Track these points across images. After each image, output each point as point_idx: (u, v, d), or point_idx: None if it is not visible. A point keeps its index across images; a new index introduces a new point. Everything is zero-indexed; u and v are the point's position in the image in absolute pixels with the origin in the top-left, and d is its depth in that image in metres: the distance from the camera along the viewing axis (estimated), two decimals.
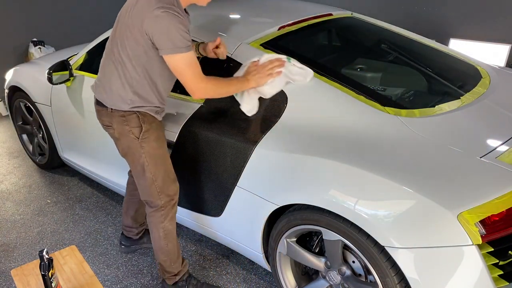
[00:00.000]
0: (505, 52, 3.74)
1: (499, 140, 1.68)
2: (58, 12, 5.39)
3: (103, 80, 1.92)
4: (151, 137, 1.92)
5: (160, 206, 2.01)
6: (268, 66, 1.88)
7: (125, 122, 1.89)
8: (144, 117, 1.90)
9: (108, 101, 1.89)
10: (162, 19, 1.66)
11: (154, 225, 2.05)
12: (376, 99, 1.84)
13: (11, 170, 3.66)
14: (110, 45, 1.88)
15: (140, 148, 1.92)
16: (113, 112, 1.89)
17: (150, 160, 1.94)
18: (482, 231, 1.40)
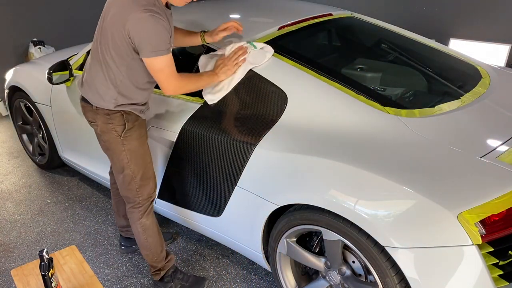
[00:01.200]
0: (505, 52, 3.74)
1: (499, 140, 1.68)
2: (58, 12, 5.39)
3: (88, 79, 1.94)
4: (133, 135, 1.96)
5: (138, 203, 2.06)
6: (233, 57, 1.99)
7: (110, 120, 1.92)
8: (128, 116, 1.93)
9: (94, 99, 1.92)
10: (144, 22, 1.68)
11: (133, 221, 2.11)
12: (376, 99, 1.84)
13: (11, 170, 3.66)
14: (94, 45, 1.90)
15: (121, 145, 1.95)
16: (98, 110, 1.92)
17: (130, 158, 1.97)
18: (482, 231, 1.40)
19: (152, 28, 1.69)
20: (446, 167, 1.56)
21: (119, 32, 1.74)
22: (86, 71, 1.98)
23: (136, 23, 1.69)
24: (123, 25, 1.72)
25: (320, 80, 1.91)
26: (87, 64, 1.99)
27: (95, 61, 1.90)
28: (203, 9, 2.60)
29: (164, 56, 1.75)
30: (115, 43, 1.78)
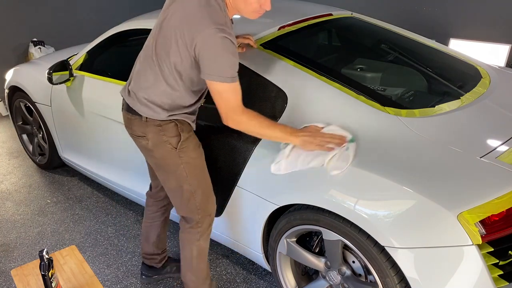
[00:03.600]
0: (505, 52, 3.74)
1: (499, 140, 1.68)
2: (58, 12, 5.39)
3: (138, 87, 1.76)
4: (190, 146, 1.79)
5: (197, 222, 1.88)
6: (326, 137, 1.65)
7: (162, 132, 1.74)
8: (182, 125, 1.76)
9: (144, 109, 1.73)
10: (215, 43, 1.51)
11: (188, 242, 1.92)
12: (376, 99, 1.83)
13: (11, 170, 3.66)
14: (149, 51, 1.72)
15: (178, 158, 1.77)
16: (148, 121, 1.74)
17: (189, 171, 1.79)
18: (482, 231, 1.40)
19: (222, 52, 1.52)
20: (446, 167, 1.56)
21: (184, 43, 1.57)
22: (133, 79, 1.79)
23: (207, 40, 1.52)
24: (191, 37, 1.54)
25: (320, 80, 1.91)
26: (135, 71, 1.80)
27: (147, 68, 1.72)
28: None
29: (228, 84, 1.56)
30: (177, 53, 1.61)
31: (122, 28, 2.66)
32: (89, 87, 2.74)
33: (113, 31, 2.73)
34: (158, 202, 2.16)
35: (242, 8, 1.61)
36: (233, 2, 1.61)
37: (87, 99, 2.73)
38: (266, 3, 1.58)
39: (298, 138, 1.65)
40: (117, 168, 2.71)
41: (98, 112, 2.65)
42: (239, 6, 1.61)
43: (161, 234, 2.23)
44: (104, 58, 2.86)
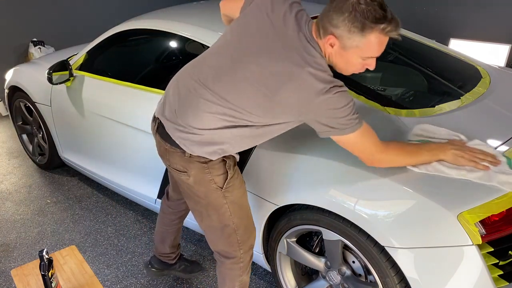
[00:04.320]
0: (505, 52, 3.74)
1: (499, 140, 1.68)
2: (58, 12, 5.39)
3: (186, 119, 1.49)
4: (236, 183, 1.61)
5: (239, 257, 1.72)
6: (479, 154, 1.49)
7: (207, 170, 1.54)
8: (230, 161, 1.57)
9: (191, 147, 1.51)
10: (329, 107, 1.31)
11: (230, 279, 1.77)
12: (376, 99, 1.83)
13: (11, 170, 3.66)
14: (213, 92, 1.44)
15: (223, 198, 1.59)
16: (193, 157, 1.53)
17: (233, 210, 1.63)
18: (482, 231, 1.40)
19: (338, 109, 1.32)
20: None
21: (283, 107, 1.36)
22: (180, 104, 1.51)
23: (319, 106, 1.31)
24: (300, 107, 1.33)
25: None
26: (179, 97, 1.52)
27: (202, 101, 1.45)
28: (203, 9, 2.60)
29: (357, 131, 1.37)
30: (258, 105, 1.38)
31: (122, 28, 2.66)
32: (89, 87, 2.74)
33: (113, 31, 2.73)
34: (178, 212, 2.09)
35: (341, 67, 1.40)
36: (332, 60, 1.39)
37: (87, 99, 2.73)
38: (372, 64, 1.37)
39: (447, 152, 1.49)
40: (117, 168, 2.71)
41: (98, 112, 2.65)
42: (338, 65, 1.40)
43: (177, 236, 2.18)
44: (104, 58, 2.86)
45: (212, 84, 1.45)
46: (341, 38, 1.30)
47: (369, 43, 1.30)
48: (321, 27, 1.34)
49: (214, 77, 1.46)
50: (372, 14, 1.25)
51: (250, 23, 1.45)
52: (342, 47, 1.32)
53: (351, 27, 1.27)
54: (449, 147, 1.50)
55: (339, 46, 1.33)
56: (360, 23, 1.25)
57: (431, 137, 1.61)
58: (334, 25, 1.29)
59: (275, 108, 1.38)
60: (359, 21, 1.25)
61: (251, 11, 1.47)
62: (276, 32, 1.38)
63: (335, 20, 1.28)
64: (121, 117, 2.47)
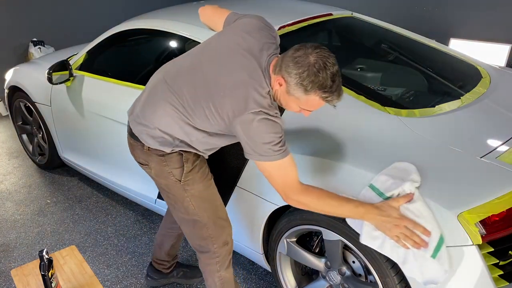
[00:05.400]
0: (505, 52, 3.74)
1: (499, 140, 1.68)
2: (58, 12, 5.39)
3: (149, 118, 1.59)
4: (196, 177, 1.66)
5: (214, 252, 1.76)
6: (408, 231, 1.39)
7: (164, 163, 1.62)
8: (188, 155, 1.63)
9: (149, 140, 1.61)
10: (255, 127, 1.40)
11: (209, 273, 1.82)
12: (376, 99, 1.83)
13: (11, 170, 3.66)
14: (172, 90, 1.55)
15: (183, 191, 1.66)
16: (151, 150, 1.62)
17: (196, 204, 1.68)
18: (482, 231, 1.40)
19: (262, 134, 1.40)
20: (446, 167, 1.56)
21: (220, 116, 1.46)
22: (144, 105, 1.62)
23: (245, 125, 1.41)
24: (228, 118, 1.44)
25: None
26: (147, 95, 1.63)
27: (166, 104, 1.55)
28: None
29: (275, 162, 1.42)
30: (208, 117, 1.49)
31: (122, 28, 2.66)
32: (89, 87, 2.74)
33: (113, 31, 2.73)
34: None
35: (281, 104, 1.50)
36: (276, 95, 1.48)
37: (87, 99, 2.73)
38: (307, 114, 1.47)
39: (374, 220, 1.44)
40: (117, 168, 2.71)
41: (98, 112, 2.65)
42: (280, 102, 1.49)
43: (175, 244, 2.18)
44: (104, 58, 2.86)
45: (171, 82, 1.57)
46: (288, 84, 1.40)
47: (308, 101, 1.40)
48: (279, 65, 1.43)
49: (174, 76, 1.58)
50: (320, 81, 1.35)
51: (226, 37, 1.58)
52: (286, 91, 1.42)
53: (299, 82, 1.37)
54: (377, 212, 1.42)
55: (285, 88, 1.42)
56: (307, 84, 1.36)
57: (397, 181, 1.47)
58: (288, 72, 1.39)
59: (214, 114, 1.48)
60: (307, 82, 1.35)
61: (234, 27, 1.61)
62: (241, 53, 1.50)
63: (290, 69, 1.38)
64: (121, 117, 2.47)
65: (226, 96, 1.45)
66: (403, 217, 1.40)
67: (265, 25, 1.62)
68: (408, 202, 1.42)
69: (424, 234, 1.38)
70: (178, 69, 1.59)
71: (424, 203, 1.41)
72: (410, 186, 1.43)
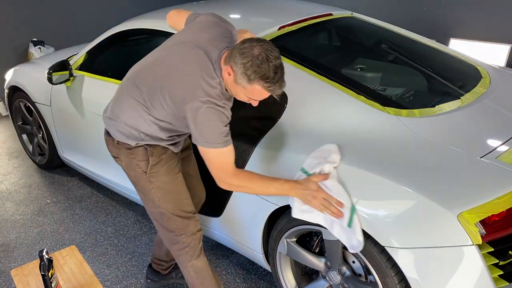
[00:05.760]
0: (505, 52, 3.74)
1: (499, 140, 1.68)
2: (58, 12, 5.39)
3: (116, 113, 1.74)
4: (161, 170, 1.77)
5: (183, 242, 1.85)
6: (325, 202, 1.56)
7: (132, 155, 1.75)
8: (153, 149, 1.74)
9: (117, 134, 1.75)
10: (202, 114, 1.53)
11: (182, 264, 1.90)
12: (376, 99, 1.83)
13: (11, 170, 3.66)
14: (134, 84, 1.69)
15: (149, 183, 1.77)
16: (120, 144, 1.76)
17: (160, 196, 1.79)
18: (482, 231, 1.40)
19: (209, 122, 1.53)
20: (446, 167, 1.56)
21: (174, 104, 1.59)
22: (114, 100, 1.78)
23: (194, 111, 1.53)
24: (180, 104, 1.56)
25: (320, 80, 1.91)
26: (117, 91, 1.78)
27: (130, 98, 1.70)
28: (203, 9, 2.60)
29: (217, 149, 1.55)
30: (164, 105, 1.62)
31: (122, 28, 2.66)
32: (89, 87, 2.74)
33: (113, 31, 2.73)
34: None
35: (232, 93, 1.61)
36: (227, 85, 1.59)
37: (87, 99, 2.73)
38: (255, 103, 1.60)
39: (297, 194, 1.61)
40: (116, 168, 2.71)
41: (98, 112, 2.65)
42: (231, 91, 1.61)
43: None
44: (104, 58, 2.86)
45: (134, 78, 1.71)
46: (235, 74, 1.51)
47: (253, 90, 1.51)
48: (228, 57, 1.54)
49: (137, 72, 1.72)
50: (263, 72, 1.46)
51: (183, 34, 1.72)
52: (234, 80, 1.53)
53: (243, 72, 1.48)
54: (299, 187, 1.59)
55: (232, 78, 1.53)
56: (251, 73, 1.46)
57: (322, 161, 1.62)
58: (235, 62, 1.50)
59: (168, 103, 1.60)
60: (250, 72, 1.46)
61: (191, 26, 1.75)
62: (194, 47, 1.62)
63: (236, 59, 1.49)
64: None
65: (178, 86, 1.58)
66: (320, 189, 1.57)
67: (220, 21, 1.73)
68: (325, 179, 1.58)
69: (338, 206, 1.55)
70: (141, 66, 1.73)
71: (337, 180, 1.58)
72: (329, 166, 1.59)
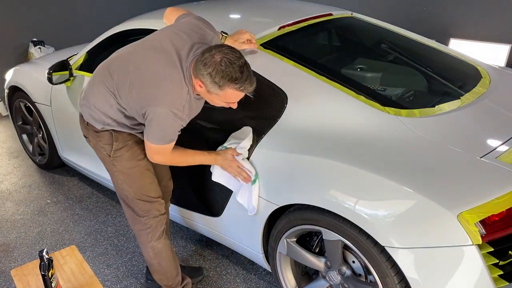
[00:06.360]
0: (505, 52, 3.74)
1: (499, 140, 1.68)
2: (58, 12, 5.39)
3: (88, 95, 1.82)
4: (124, 155, 1.84)
5: (144, 223, 1.94)
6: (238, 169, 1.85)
7: (98, 138, 1.83)
8: (118, 134, 1.82)
9: (87, 116, 1.83)
10: (160, 119, 1.63)
11: (143, 244, 1.99)
12: (376, 99, 1.83)
13: (11, 170, 3.66)
14: (108, 71, 1.76)
15: (112, 166, 1.87)
16: (88, 125, 1.84)
17: (123, 179, 1.88)
18: (482, 231, 1.40)
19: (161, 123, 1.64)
20: (446, 167, 1.56)
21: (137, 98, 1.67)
22: (88, 83, 1.85)
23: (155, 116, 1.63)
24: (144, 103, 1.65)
25: (320, 80, 1.91)
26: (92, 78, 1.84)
27: (101, 86, 1.76)
28: (203, 9, 2.60)
29: (163, 145, 1.70)
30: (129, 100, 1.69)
31: (122, 28, 2.66)
32: None
33: (113, 31, 2.73)
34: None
35: (210, 102, 1.70)
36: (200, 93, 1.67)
37: None
38: (234, 106, 1.68)
39: (217, 161, 1.87)
40: None
41: None
42: (208, 100, 1.69)
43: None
44: (104, 58, 2.85)
45: (108, 66, 1.77)
46: (205, 85, 1.59)
47: (226, 94, 1.59)
48: (194, 70, 1.61)
49: (112, 61, 1.79)
50: (229, 75, 1.52)
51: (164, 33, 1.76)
52: (207, 90, 1.61)
53: (212, 81, 1.55)
54: (219, 158, 1.86)
55: (204, 89, 1.61)
56: (219, 80, 1.53)
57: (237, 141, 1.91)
58: (201, 74, 1.57)
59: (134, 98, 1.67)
60: (218, 79, 1.53)
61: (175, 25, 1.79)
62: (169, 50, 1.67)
63: (202, 71, 1.56)
64: None
65: (147, 87, 1.64)
66: (234, 159, 1.84)
67: (203, 26, 1.76)
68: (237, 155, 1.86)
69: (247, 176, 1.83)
70: (117, 56, 1.79)
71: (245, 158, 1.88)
72: (240, 149, 1.87)
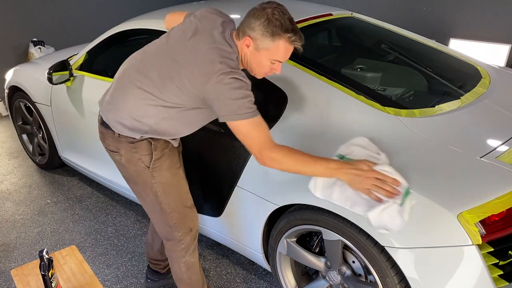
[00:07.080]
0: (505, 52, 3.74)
1: (499, 140, 1.68)
2: (58, 12, 5.39)
3: (118, 104, 1.67)
4: (164, 165, 1.74)
5: (179, 240, 1.85)
6: (378, 182, 1.43)
7: (134, 149, 1.69)
8: (157, 143, 1.70)
9: (119, 127, 1.67)
10: (226, 86, 1.47)
11: (175, 259, 1.91)
12: (376, 99, 1.83)
13: (11, 170, 3.66)
14: (140, 70, 1.64)
15: (151, 177, 1.73)
16: (121, 137, 1.69)
17: (163, 190, 1.76)
18: (482, 231, 1.40)
19: (234, 92, 1.47)
20: (446, 167, 1.56)
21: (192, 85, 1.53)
22: (113, 92, 1.70)
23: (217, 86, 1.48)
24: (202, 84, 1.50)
25: (320, 80, 1.91)
26: (115, 82, 1.71)
27: (133, 87, 1.63)
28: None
29: (249, 119, 1.48)
30: (178, 90, 1.56)
31: (122, 28, 2.66)
32: (89, 87, 2.74)
33: (113, 31, 2.73)
34: None
35: (253, 68, 1.61)
36: (247, 60, 1.60)
37: (87, 99, 2.73)
38: (278, 68, 1.58)
39: (346, 175, 1.46)
40: (116, 168, 2.71)
41: (98, 112, 2.65)
42: (251, 65, 1.60)
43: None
44: (104, 58, 2.86)
45: (138, 67, 1.66)
46: (255, 40, 1.53)
47: (277, 48, 1.53)
48: (241, 31, 1.56)
49: (140, 61, 1.67)
50: (282, 24, 1.50)
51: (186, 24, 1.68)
52: (255, 48, 1.54)
53: (264, 31, 1.50)
54: (350, 170, 1.46)
55: (253, 46, 1.55)
56: (272, 29, 1.49)
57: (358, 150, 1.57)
58: (251, 28, 1.52)
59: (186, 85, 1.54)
60: (271, 28, 1.49)
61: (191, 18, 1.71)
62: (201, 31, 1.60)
63: (253, 24, 1.51)
64: None
65: (194, 65, 1.53)
66: (373, 170, 1.45)
67: (220, 12, 1.72)
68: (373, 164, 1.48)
69: (394, 184, 1.43)
70: (144, 55, 1.69)
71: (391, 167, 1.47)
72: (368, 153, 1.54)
